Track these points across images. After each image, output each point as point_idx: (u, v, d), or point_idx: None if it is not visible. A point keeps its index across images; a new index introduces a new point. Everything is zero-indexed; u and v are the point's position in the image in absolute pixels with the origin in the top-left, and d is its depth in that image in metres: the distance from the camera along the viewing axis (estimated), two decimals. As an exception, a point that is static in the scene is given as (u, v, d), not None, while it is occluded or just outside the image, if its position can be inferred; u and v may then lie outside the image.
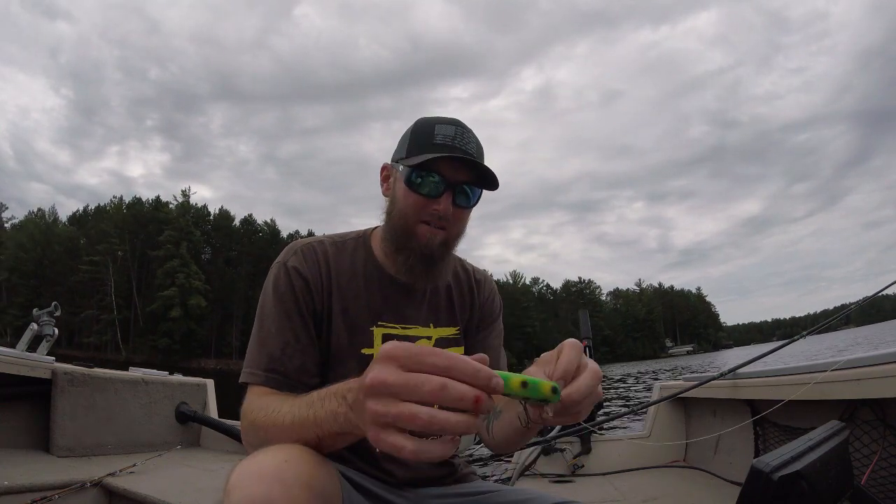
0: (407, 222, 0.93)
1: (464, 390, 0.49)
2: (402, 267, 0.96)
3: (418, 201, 0.91)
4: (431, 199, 0.91)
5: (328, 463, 0.71)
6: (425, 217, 0.92)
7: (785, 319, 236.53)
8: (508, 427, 0.91)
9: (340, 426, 0.63)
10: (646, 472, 2.61)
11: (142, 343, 57.66)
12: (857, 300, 2.63)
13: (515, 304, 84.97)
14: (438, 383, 0.49)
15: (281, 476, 0.62)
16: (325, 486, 0.67)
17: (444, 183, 0.90)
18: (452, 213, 0.92)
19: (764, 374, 2.12)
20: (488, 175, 0.92)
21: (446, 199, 0.91)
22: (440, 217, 0.91)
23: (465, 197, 0.94)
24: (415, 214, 0.92)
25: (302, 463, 0.65)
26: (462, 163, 0.91)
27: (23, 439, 2.40)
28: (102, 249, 58.15)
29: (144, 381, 2.89)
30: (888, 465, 1.49)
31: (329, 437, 0.67)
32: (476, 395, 0.49)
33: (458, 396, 0.49)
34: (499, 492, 0.97)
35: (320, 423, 0.66)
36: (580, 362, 0.64)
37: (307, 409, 0.68)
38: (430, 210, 0.91)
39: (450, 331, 1.05)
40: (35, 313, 2.85)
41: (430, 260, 0.93)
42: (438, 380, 0.49)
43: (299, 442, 0.69)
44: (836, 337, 42.64)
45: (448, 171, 0.90)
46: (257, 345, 0.91)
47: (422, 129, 0.94)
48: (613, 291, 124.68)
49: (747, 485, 0.90)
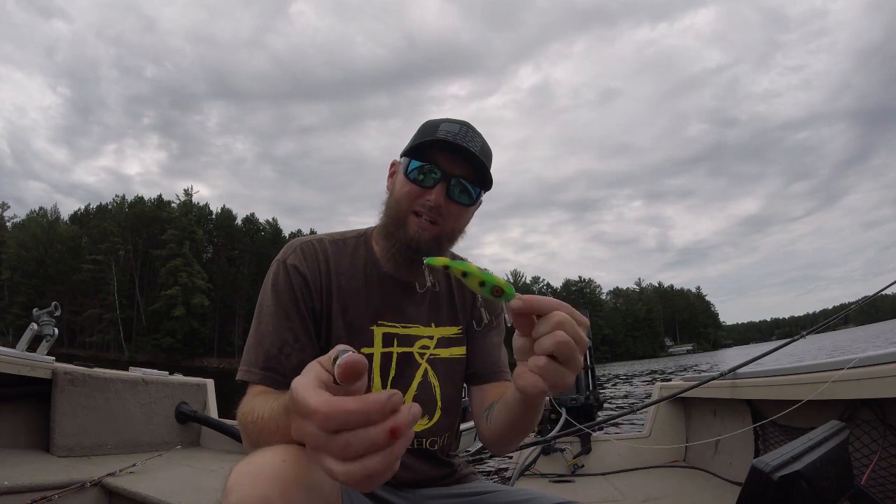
0: (399, 211, 0.93)
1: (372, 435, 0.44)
2: (386, 255, 0.96)
3: (412, 190, 0.92)
4: (425, 189, 0.91)
5: (327, 463, 0.71)
6: (417, 207, 0.92)
7: (784, 319, 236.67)
8: (504, 408, 0.88)
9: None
10: (646, 472, 2.61)
11: (145, 342, 57.72)
12: (857, 300, 2.63)
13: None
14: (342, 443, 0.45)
15: (279, 476, 0.62)
16: (323, 486, 0.67)
17: (439, 173, 0.90)
18: (446, 206, 0.91)
19: (764, 374, 2.12)
20: (482, 170, 0.92)
21: (439, 190, 0.90)
22: (431, 208, 0.91)
23: (465, 194, 0.93)
24: (407, 204, 0.92)
25: (301, 463, 0.65)
26: (461, 157, 0.90)
27: (23, 439, 2.40)
28: (105, 248, 58.23)
29: (144, 380, 2.89)
30: (888, 465, 1.49)
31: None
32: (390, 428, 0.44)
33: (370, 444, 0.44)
34: (499, 492, 0.97)
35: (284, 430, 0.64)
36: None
37: (282, 414, 0.66)
38: (422, 200, 0.91)
39: (452, 330, 1.05)
40: (35, 313, 2.85)
41: (415, 252, 0.92)
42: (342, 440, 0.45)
43: (280, 443, 0.67)
44: (836, 337, 42.63)
45: (445, 163, 0.91)
46: (255, 343, 0.91)
47: (428, 125, 0.95)
48: (613, 290, 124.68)
49: (747, 485, 0.90)
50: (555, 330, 0.58)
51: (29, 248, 56.04)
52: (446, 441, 1.03)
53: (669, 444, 2.72)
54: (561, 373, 0.60)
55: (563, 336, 0.58)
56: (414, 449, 0.97)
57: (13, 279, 54.39)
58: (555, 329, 0.58)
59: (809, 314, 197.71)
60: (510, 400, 0.84)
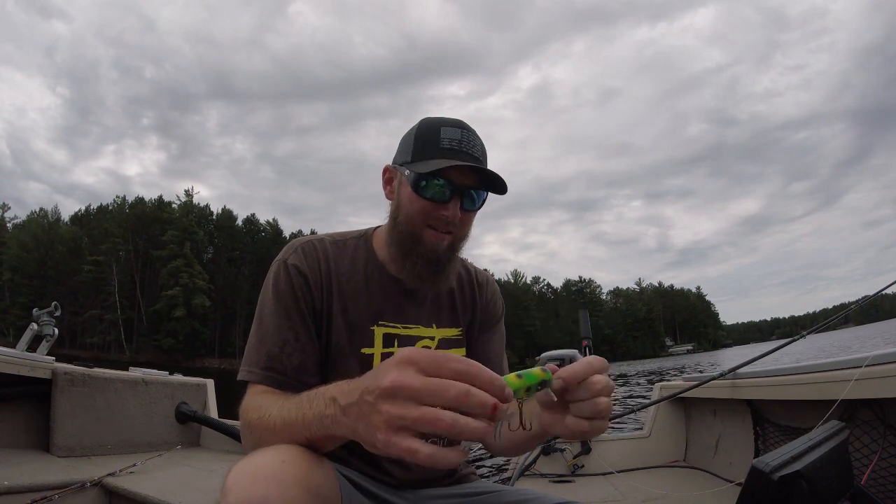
0: (414, 228, 0.92)
1: (485, 397, 0.50)
2: (410, 273, 0.95)
3: (426, 206, 0.91)
4: (439, 205, 0.90)
5: (326, 463, 0.71)
6: (432, 222, 0.91)
7: (784, 319, 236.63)
8: (515, 434, 0.91)
9: (327, 429, 0.63)
10: (646, 472, 2.61)
11: (146, 343, 57.74)
12: (857, 299, 2.63)
13: (516, 304, 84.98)
14: (463, 389, 0.50)
15: (278, 476, 0.62)
16: (323, 486, 0.67)
17: (452, 188, 0.90)
18: (460, 217, 0.92)
19: (764, 374, 2.12)
20: (497, 180, 0.92)
21: (454, 205, 0.90)
22: (447, 222, 0.91)
23: (472, 201, 0.93)
24: (422, 220, 0.91)
25: (300, 463, 0.65)
26: (470, 168, 0.90)
27: (23, 439, 2.40)
28: (106, 249, 58.22)
29: (144, 381, 2.89)
30: (888, 465, 1.49)
31: (318, 440, 0.67)
32: (494, 403, 0.50)
33: (480, 403, 0.50)
34: (499, 492, 0.96)
35: (309, 426, 0.66)
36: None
37: (296, 411, 0.68)
38: (437, 215, 0.91)
39: (452, 332, 1.05)
40: (35, 313, 2.85)
41: (438, 265, 0.93)
42: (462, 386, 0.50)
43: (290, 444, 0.69)
44: (836, 336, 42.59)
45: (456, 176, 0.90)
46: (256, 343, 0.91)
47: (427, 132, 0.93)
48: (614, 290, 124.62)
49: (747, 485, 0.90)
50: (594, 397, 0.65)
51: (30, 248, 56.06)
52: (446, 443, 1.02)
53: (669, 444, 2.72)
54: (599, 427, 0.66)
55: (605, 402, 0.65)
56: None
57: (14, 280, 54.41)
58: (594, 396, 0.65)
59: (809, 314, 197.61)
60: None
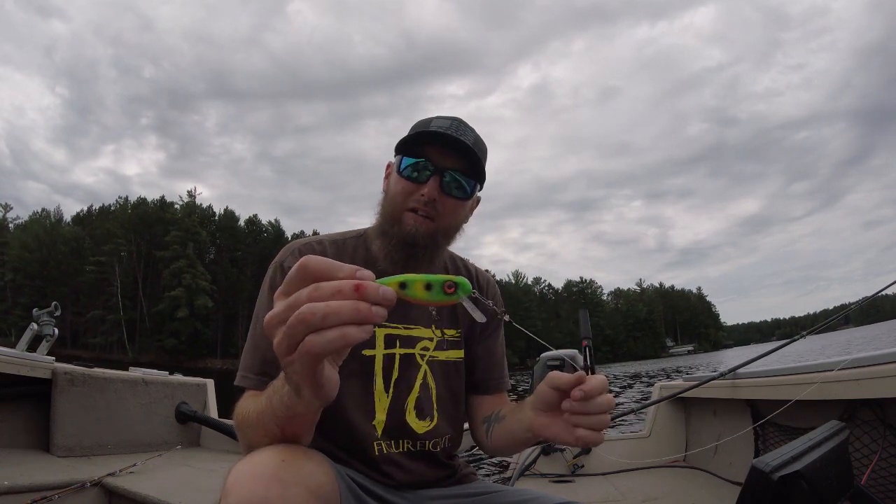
0: (395, 209, 0.93)
1: (338, 283, 0.47)
2: (381, 253, 0.96)
3: (406, 187, 0.91)
4: (419, 184, 0.91)
5: (327, 463, 0.71)
6: (412, 204, 0.91)
7: (784, 319, 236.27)
8: (508, 434, 0.93)
9: (283, 402, 0.61)
10: (646, 472, 2.60)
11: (148, 343, 57.71)
12: (857, 300, 2.62)
13: (517, 304, 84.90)
14: (309, 289, 0.48)
15: (278, 476, 0.62)
16: (323, 486, 0.67)
17: (431, 167, 0.90)
18: (441, 201, 0.91)
19: (764, 374, 2.12)
20: (476, 163, 0.91)
21: (433, 183, 0.90)
22: (426, 202, 0.90)
23: (460, 187, 0.92)
24: (403, 201, 0.92)
25: (300, 463, 0.65)
26: (454, 150, 0.90)
27: (23, 439, 2.40)
28: (108, 250, 58.22)
29: (144, 380, 2.89)
30: (888, 465, 1.48)
31: (285, 421, 0.65)
32: (355, 284, 0.47)
33: (332, 290, 0.47)
34: (499, 492, 0.96)
35: (275, 410, 0.65)
36: None
37: (265, 401, 0.68)
38: (416, 195, 0.91)
39: (451, 333, 1.05)
40: (35, 313, 2.86)
41: (411, 248, 0.92)
42: (308, 288, 0.48)
43: (267, 436, 0.69)
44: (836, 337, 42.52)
45: (436, 156, 0.90)
46: (251, 348, 0.91)
47: (421, 123, 0.96)
48: (614, 291, 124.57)
49: (747, 485, 0.90)
50: (601, 414, 0.72)
51: (32, 249, 56.09)
52: (448, 443, 1.02)
53: (669, 444, 2.72)
54: (595, 440, 0.72)
55: (604, 420, 0.72)
56: (416, 451, 0.96)
57: (16, 280, 54.43)
58: (600, 412, 0.71)
59: (810, 314, 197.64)
60: (517, 432, 0.88)
